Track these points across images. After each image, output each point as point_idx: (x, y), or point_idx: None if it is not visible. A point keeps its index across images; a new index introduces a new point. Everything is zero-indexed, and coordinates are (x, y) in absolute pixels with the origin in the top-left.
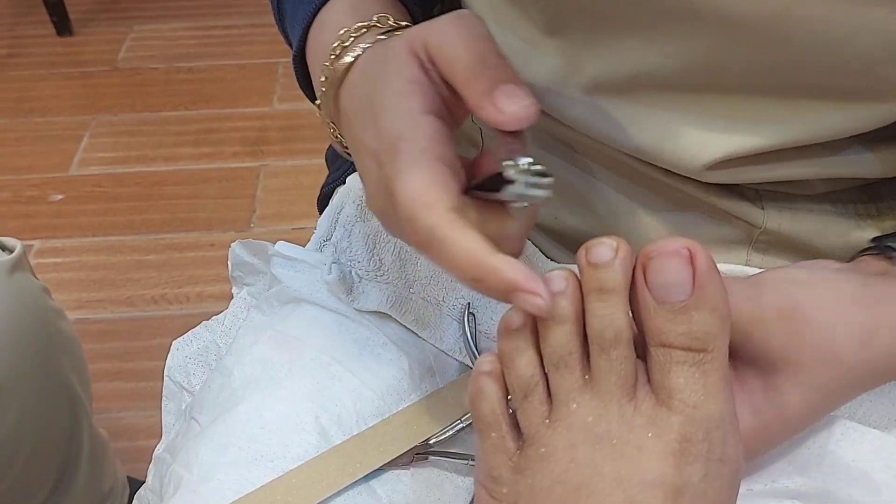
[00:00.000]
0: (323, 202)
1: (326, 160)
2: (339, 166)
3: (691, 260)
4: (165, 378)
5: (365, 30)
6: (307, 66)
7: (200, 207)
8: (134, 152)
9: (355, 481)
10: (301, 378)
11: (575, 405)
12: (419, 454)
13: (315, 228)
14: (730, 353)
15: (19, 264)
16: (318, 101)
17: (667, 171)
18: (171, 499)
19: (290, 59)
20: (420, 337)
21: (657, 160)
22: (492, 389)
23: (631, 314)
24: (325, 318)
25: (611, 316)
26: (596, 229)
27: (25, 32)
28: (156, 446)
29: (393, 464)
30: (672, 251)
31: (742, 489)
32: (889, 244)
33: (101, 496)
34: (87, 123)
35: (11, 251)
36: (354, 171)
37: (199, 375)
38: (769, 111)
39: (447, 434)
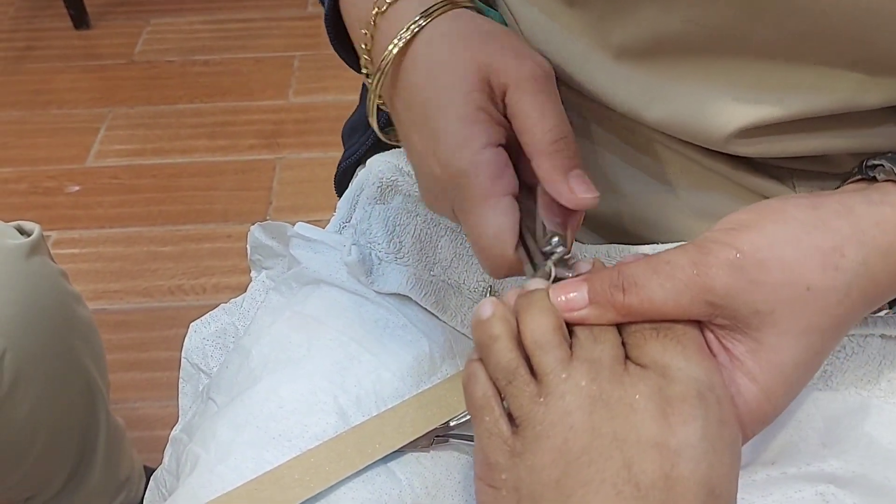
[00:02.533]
0: (339, 179)
1: (343, 136)
2: (356, 142)
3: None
4: (182, 360)
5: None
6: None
7: (217, 199)
8: (150, 144)
9: (374, 463)
10: (320, 358)
11: (565, 374)
12: (439, 437)
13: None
14: (707, 327)
15: (37, 248)
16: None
17: (693, 146)
18: (188, 477)
19: (305, 53)
20: (440, 319)
21: (682, 133)
22: (482, 373)
23: None
24: (345, 300)
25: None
26: (621, 210)
27: (43, 25)
28: None
29: (412, 446)
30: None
31: (775, 472)
32: (873, 162)
33: (118, 484)
34: (104, 116)
35: (30, 235)
36: (373, 151)
37: (216, 357)
38: (796, 80)
39: (467, 417)
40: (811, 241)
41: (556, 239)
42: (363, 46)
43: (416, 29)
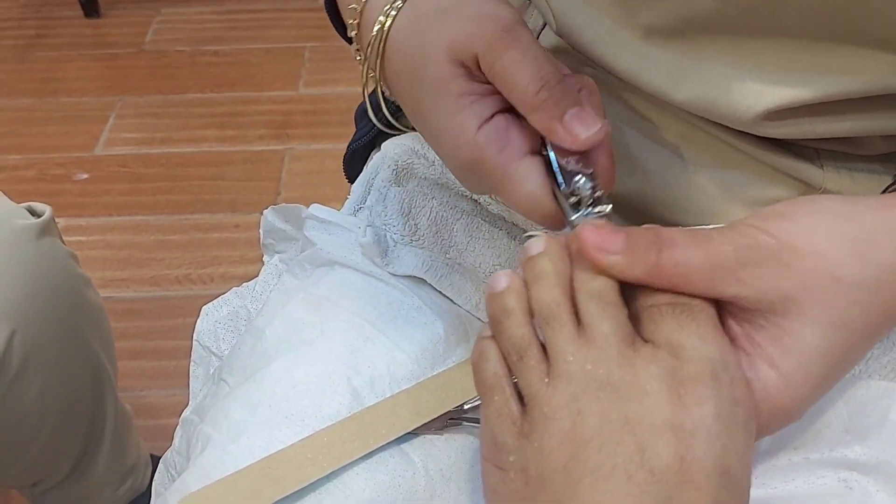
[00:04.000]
0: (349, 160)
1: (355, 118)
2: (365, 124)
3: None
4: (194, 342)
5: None
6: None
7: (225, 189)
8: (159, 133)
9: (387, 444)
10: (333, 340)
11: (571, 357)
12: (452, 419)
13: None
14: (731, 310)
15: (48, 229)
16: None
17: (719, 125)
18: (199, 456)
19: (316, 44)
20: (455, 303)
21: (709, 113)
22: (493, 351)
23: None
24: (359, 281)
25: (598, 272)
26: (645, 188)
27: (53, 14)
28: (177, 424)
29: (426, 428)
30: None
31: (798, 458)
32: None
33: (125, 471)
34: (114, 104)
35: (41, 216)
36: (385, 135)
37: (228, 340)
38: (827, 61)
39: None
40: (844, 231)
41: (580, 180)
42: (351, 23)
43: (395, 12)
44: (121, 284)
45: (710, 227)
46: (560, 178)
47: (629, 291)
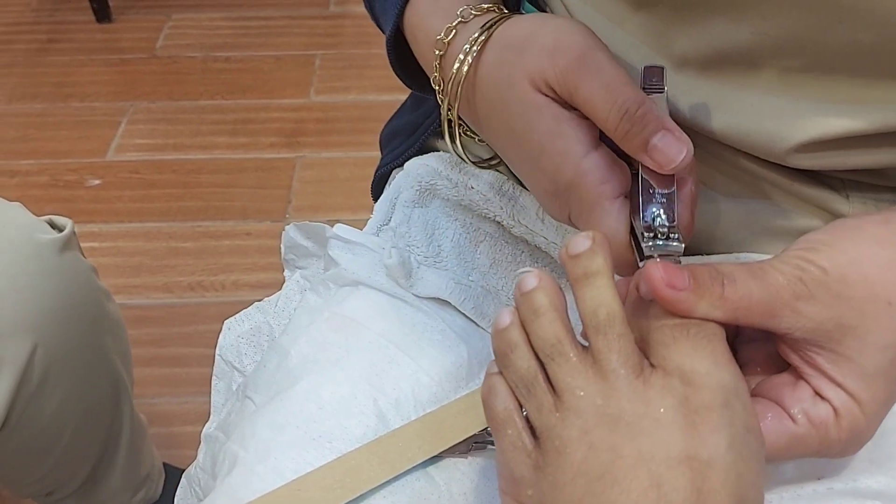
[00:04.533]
0: (377, 185)
1: (381, 140)
2: (394, 148)
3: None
4: (217, 357)
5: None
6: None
7: (236, 196)
8: (171, 140)
9: (413, 467)
10: (359, 360)
11: (581, 392)
12: (477, 443)
13: (350, 221)
14: (787, 340)
15: (69, 243)
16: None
17: (749, 155)
18: (228, 476)
19: (327, 52)
20: (478, 325)
21: (741, 144)
22: (502, 386)
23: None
24: (383, 302)
25: (601, 297)
26: None
27: (66, 19)
28: (190, 432)
29: (451, 451)
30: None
31: (822, 488)
32: None
33: (139, 480)
34: (125, 110)
35: (62, 230)
36: (411, 154)
37: (250, 355)
38: (863, 93)
39: None
40: (887, 255)
41: (658, 214)
42: (435, 67)
43: (478, 47)
44: (133, 291)
45: (757, 259)
46: (642, 210)
47: (636, 312)
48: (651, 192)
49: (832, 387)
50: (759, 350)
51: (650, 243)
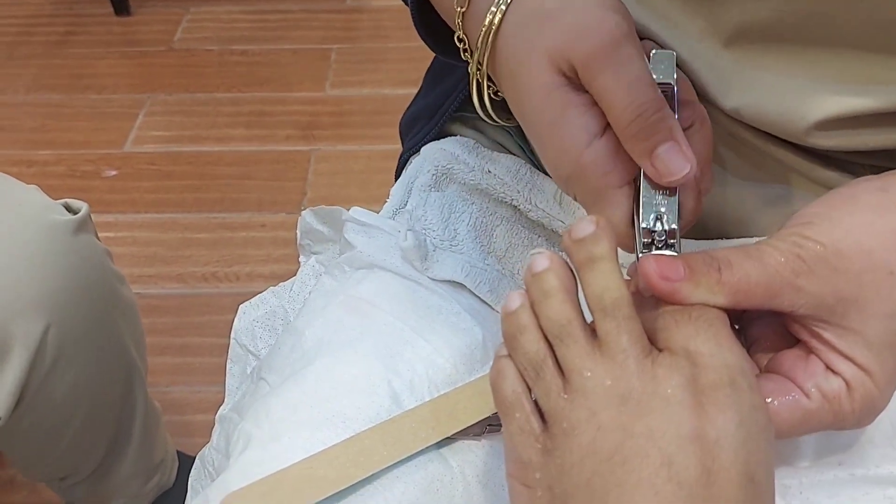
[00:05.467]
0: (399, 174)
1: (401, 128)
2: (416, 133)
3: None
4: (231, 340)
5: None
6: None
7: (252, 188)
8: (187, 132)
9: (426, 448)
10: (373, 342)
11: (588, 372)
12: (491, 426)
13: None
14: (792, 317)
15: (84, 225)
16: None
17: (765, 137)
18: (241, 455)
19: (343, 46)
20: (494, 309)
21: (759, 122)
22: (511, 369)
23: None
24: (399, 285)
25: (606, 281)
26: None
27: (84, 11)
28: (202, 421)
29: (464, 433)
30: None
31: (843, 473)
32: None
33: (152, 467)
34: (143, 102)
35: (77, 213)
36: (430, 138)
37: (265, 339)
38: (882, 72)
39: None
40: (885, 224)
41: (656, 222)
42: (457, 25)
43: (504, 7)
44: (148, 281)
45: (754, 240)
46: (641, 212)
47: (638, 300)
48: (652, 192)
49: (842, 360)
50: (768, 327)
51: (645, 250)
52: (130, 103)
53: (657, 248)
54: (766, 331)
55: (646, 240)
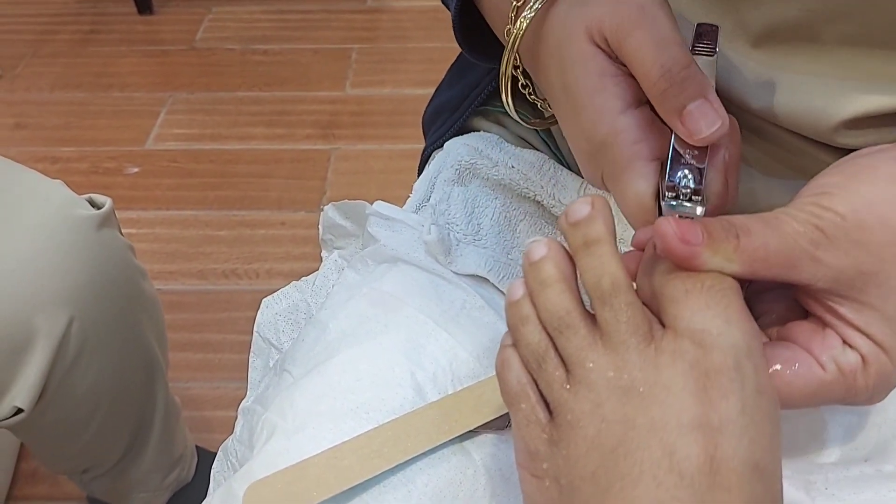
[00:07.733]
0: (422, 170)
1: (423, 123)
2: (439, 127)
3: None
4: (254, 334)
5: None
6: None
7: (272, 187)
8: (209, 130)
9: (449, 441)
10: (397, 335)
11: (591, 364)
12: None
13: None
14: (808, 290)
15: (108, 220)
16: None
17: (795, 135)
18: (265, 445)
19: (363, 46)
20: None
21: (786, 122)
22: (515, 359)
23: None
24: (422, 279)
25: (603, 265)
26: None
27: (108, 10)
28: (222, 417)
29: (487, 426)
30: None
31: (869, 469)
32: None
33: (172, 461)
34: (164, 100)
35: (100, 207)
36: (452, 133)
37: (287, 333)
38: None
39: None
40: None
41: (684, 175)
42: (510, 18)
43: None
44: (169, 277)
45: (773, 211)
46: (668, 172)
47: (650, 269)
48: (681, 154)
49: (858, 335)
50: (776, 300)
51: (669, 203)
52: (152, 101)
53: (682, 200)
54: (773, 305)
55: (670, 194)
